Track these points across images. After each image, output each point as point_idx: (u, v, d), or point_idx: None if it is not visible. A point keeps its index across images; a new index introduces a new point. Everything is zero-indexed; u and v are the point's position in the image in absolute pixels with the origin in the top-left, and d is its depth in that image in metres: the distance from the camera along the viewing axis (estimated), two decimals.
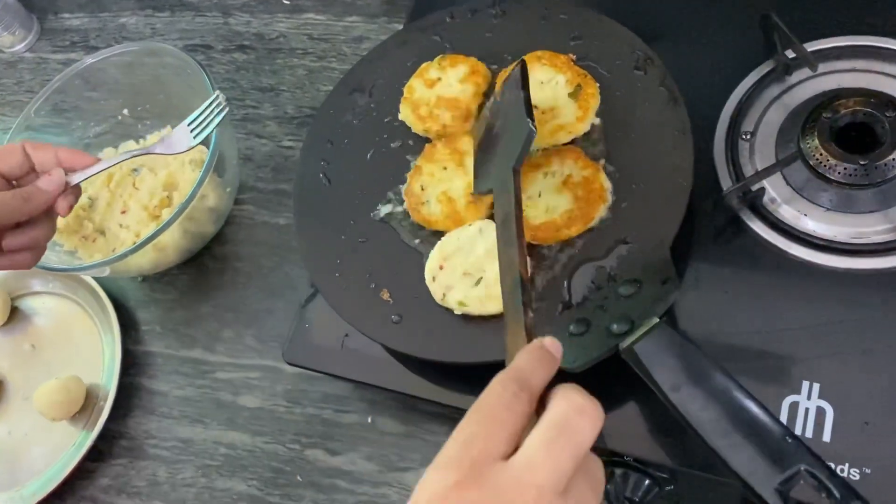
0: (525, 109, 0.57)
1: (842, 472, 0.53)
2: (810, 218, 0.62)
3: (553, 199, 0.62)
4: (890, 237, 0.60)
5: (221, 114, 0.69)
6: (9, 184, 0.63)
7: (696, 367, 0.48)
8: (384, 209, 0.69)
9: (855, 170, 0.60)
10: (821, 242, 0.61)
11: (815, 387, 0.56)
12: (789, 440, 0.44)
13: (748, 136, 0.67)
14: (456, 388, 0.64)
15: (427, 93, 0.70)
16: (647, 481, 0.59)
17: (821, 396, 0.56)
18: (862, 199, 0.61)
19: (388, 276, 0.66)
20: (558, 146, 0.65)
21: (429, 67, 0.72)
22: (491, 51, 0.72)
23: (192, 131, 0.69)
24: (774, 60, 0.68)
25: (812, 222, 0.62)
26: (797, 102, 0.66)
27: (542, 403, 0.39)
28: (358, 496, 0.74)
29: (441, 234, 0.65)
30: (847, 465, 0.53)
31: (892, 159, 0.59)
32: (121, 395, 0.84)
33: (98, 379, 0.87)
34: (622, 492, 0.60)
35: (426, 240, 0.66)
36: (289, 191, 0.89)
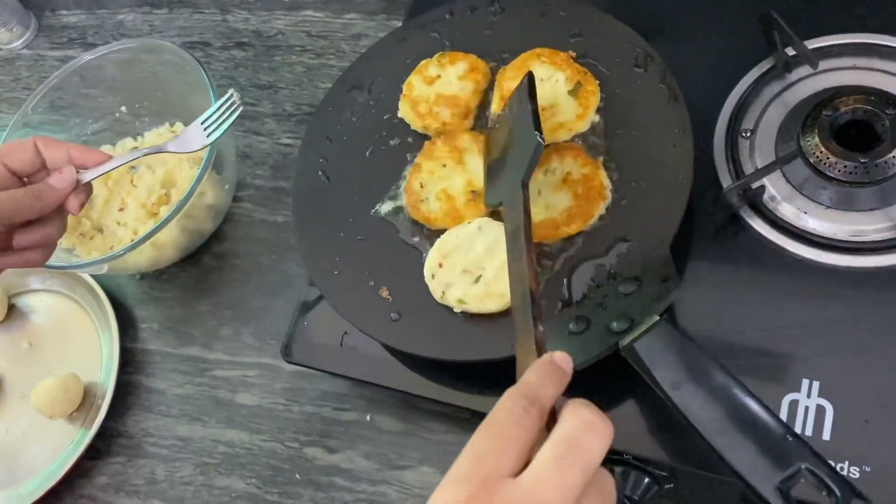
0: (533, 122, 0.57)
1: (842, 470, 0.53)
2: (810, 216, 0.62)
3: (553, 196, 0.62)
4: (890, 235, 0.60)
5: (235, 113, 0.67)
6: (20, 181, 0.62)
7: (696, 365, 0.48)
8: (383, 206, 0.69)
9: (855, 167, 0.60)
10: (821, 240, 0.61)
11: (815, 385, 0.56)
12: (790, 438, 0.44)
13: (748, 134, 0.67)
14: (455, 386, 0.64)
15: (426, 90, 0.70)
16: (646, 479, 0.59)
17: (820, 394, 0.56)
18: (862, 196, 0.61)
19: (387, 273, 0.65)
20: (558, 144, 0.65)
21: (428, 64, 0.72)
22: (490, 48, 0.72)
23: (205, 130, 0.67)
24: (774, 58, 0.68)
25: (812, 220, 0.62)
26: (797, 100, 0.66)
27: (552, 417, 0.39)
28: (356, 494, 0.73)
29: (440, 232, 0.65)
30: (847, 463, 0.53)
31: (893, 157, 0.59)
32: (119, 393, 0.83)
33: (96, 377, 0.87)
34: (622, 490, 0.60)
35: (426, 237, 0.66)
36: (287, 188, 0.89)
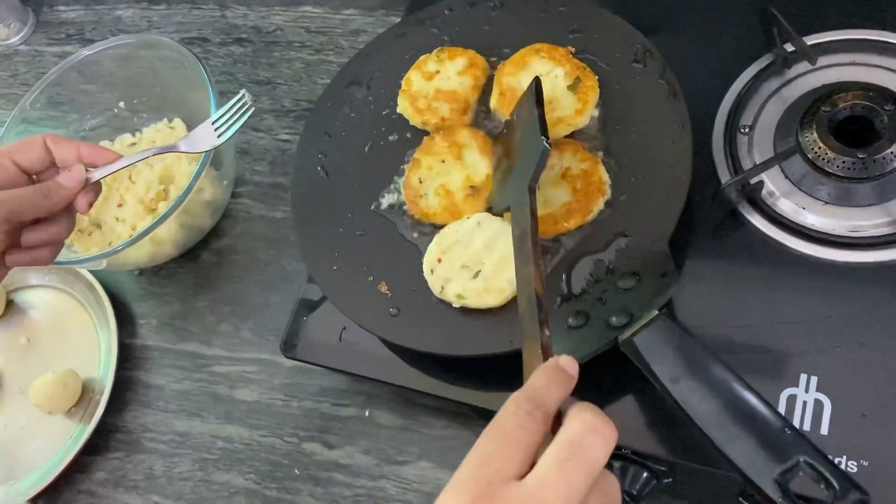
0: (540, 127, 0.57)
1: (839, 464, 0.53)
2: (808, 211, 0.62)
3: (552, 191, 0.62)
4: (888, 230, 0.60)
5: (247, 114, 0.67)
6: (29, 178, 0.62)
7: (695, 359, 0.48)
8: (383, 202, 0.69)
9: (853, 163, 0.60)
10: (819, 236, 0.61)
11: (813, 380, 0.56)
12: (788, 432, 0.44)
13: (747, 130, 0.67)
14: (454, 381, 0.64)
15: (425, 85, 0.70)
16: (645, 474, 0.59)
17: (818, 389, 0.56)
18: (860, 192, 0.61)
19: (386, 268, 0.65)
20: (557, 139, 0.65)
21: (427, 60, 0.72)
22: (489, 43, 0.72)
23: (216, 130, 0.67)
24: (773, 54, 0.68)
25: (810, 216, 0.62)
26: (796, 96, 0.66)
27: (558, 421, 0.39)
28: (355, 489, 0.74)
29: (439, 228, 0.65)
30: (845, 457, 0.53)
31: (891, 153, 0.59)
32: (117, 389, 0.83)
33: (94, 373, 0.87)
34: (621, 485, 0.60)
35: (424, 233, 0.66)
36: (286, 184, 0.89)
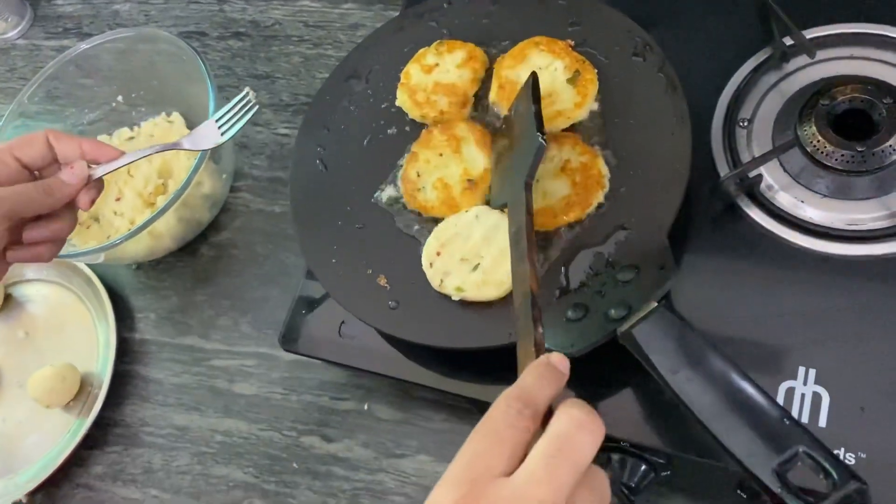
0: (536, 123, 0.57)
1: (837, 456, 0.53)
2: (807, 205, 0.62)
3: (551, 184, 0.62)
4: (886, 224, 0.60)
5: (251, 111, 0.67)
6: (31, 174, 0.61)
7: (694, 350, 0.48)
8: (382, 195, 0.69)
9: (852, 156, 0.60)
10: (817, 229, 0.61)
11: (812, 372, 0.56)
12: (787, 422, 0.44)
13: (745, 124, 0.67)
14: (452, 374, 0.64)
15: (424, 78, 0.70)
16: (643, 467, 0.59)
17: (817, 382, 0.56)
18: (859, 185, 0.61)
19: (385, 262, 0.65)
20: (556, 132, 0.65)
21: (426, 53, 0.72)
22: (488, 36, 0.72)
23: (219, 128, 0.67)
24: (772, 47, 0.68)
25: (809, 209, 0.62)
26: (794, 89, 0.66)
27: (549, 417, 0.40)
28: (354, 483, 0.74)
29: (438, 221, 0.65)
30: (843, 449, 0.53)
31: (889, 146, 0.60)
32: (115, 383, 0.83)
33: (93, 367, 0.87)
34: (619, 478, 0.60)
35: (423, 226, 0.66)
36: (284, 178, 0.89)
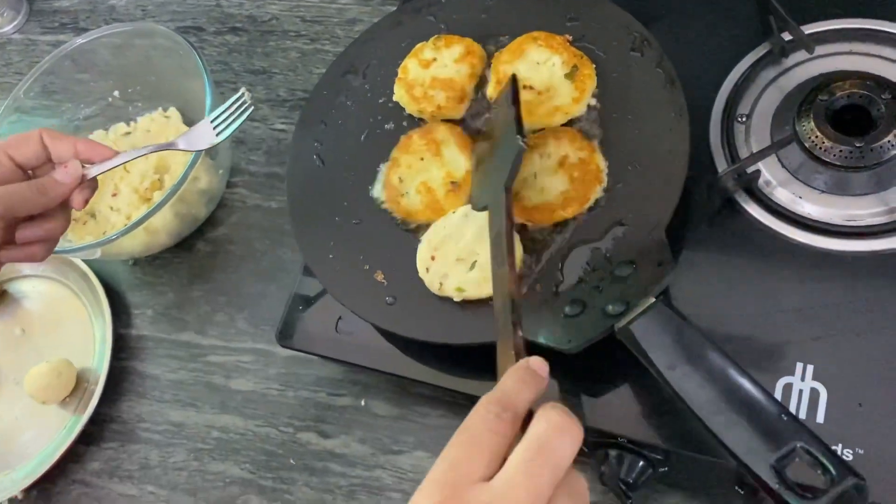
0: (516, 126, 0.57)
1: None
2: (805, 200, 0.62)
3: (548, 180, 0.62)
4: (884, 220, 0.60)
5: (246, 112, 0.67)
6: (25, 174, 0.61)
7: (692, 346, 0.48)
8: (378, 190, 0.68)
9: (850, 152, 0.60)
10: (816, 225, 0.61)
11: (809, 368, 0.56)
12: (785, 418, 0.44)
13: (744, 119, 0.67)
14: (450, 370, 0.64)
15: (422, 73, 0.70)
16: (641, 463, 0.59)
17: (814, 378, 0.56)
18: (857, 181, 0.61)
19: (382, 257, 0.65)
20: (554, 127, 0.64)
21: (423, 48, 0.71)
22: (486, 31, 0.72)
23: (215, 128, 0.67)
24: (771, 43, 0.68)
25: (807, 205, 0.62)
26: (793, 85, 0.66)
27: (529, 420, 0.40)
28: (351, 479, 0.73)
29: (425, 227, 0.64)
30: (840, 445, 0.53)
31: (888, 141, 0.59)
32: (112, 379, 0.83)
33: (89, 363, 0.86)
34: (616, 474, 0.60)
35: (412, 230, 0.66)
36: (281, 174, 0.89)
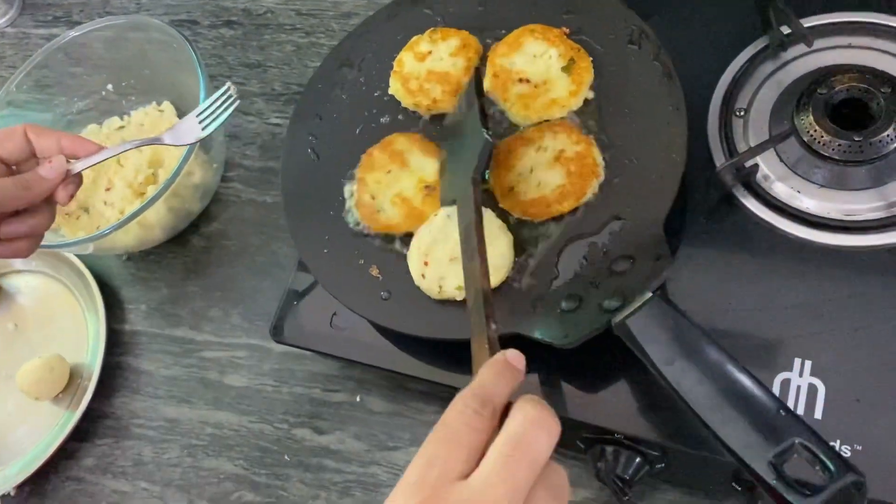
0: (481, 120, 0.57)
1: None
2: (804, 195, 0.62)
3: (545, 174, 0.61)
4: (883, 214, 0.60)
5: (232, 106, 0.67)
6: (8, 169, 0.60)
7: (689, 341, 0.47)
8: (351, 214, 0.67)
9: (849, 146, 0.60)
10: (814, 219, 0.60)
11: (807, 364, 0.56)
12: (783, 414, 0.43)
13: (742, 113, 0.66)
14: (445, 365, 0.64)
15: (417, 66, 0.69)
16: (637, 459, 0.59)
17: (812, 373, 0.56)
18: (856, 175, 0.60)
19: (377, 252, 0.65)
20: (551, 121, 0.64)
21: (419, 41, 0.71)
22: (483, 24, 0.71)
23: (200, 122, 0.67)
24: (769, 36, 0.67)
25: (805, 199, 0.61)
26: (792, 79, 0.66)
27: (507, 413, 0.40)
28: (346, 475, 0.73)
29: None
30: (838, 441, 0.53)
31: (887, 136, 0.59)
32: (105, 375, 0.83)
33: (82, 358, 0.86)
34: (613, 470, 0.59)
35: (402, 233, 0.65)
36: (276, 168, 0.88)
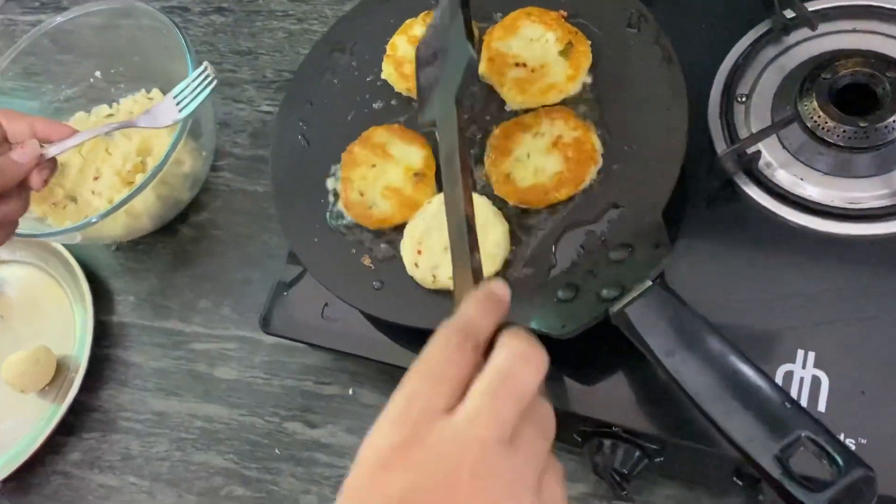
0: (465, 32, 0.52)
1: None
2: (807, 182, 0.60)
3: (542, 160, 0.60)
4: (888, 202, 0.58)
5: (210, 86, 0.66)
6: None
7: (690, 330, 0.46)
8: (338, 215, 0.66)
9: (854, 132, 0.58)
10: (817, 207, 0.59)
11: (810, 356, 0.54)
12: (788, 406, 0.42)
13: (743, 99, 0.65)
14: None
15: (411, 50, 0.67)
16: (636, 453, 0.58)
17: (816, 365, 0.54)
18: (860, 162, 0.59)
19: (369, 241, 0.63)
20: (548, 106, 0.62)
21: (413, 24, 0.69)
22: (479, 7, 0.69)
23: (177, 104, 0.66)
24: (772, 20, 0.66)
25: (808, 187, 0.60)
26: (795, 64, 0.64)
27: (492, 347, 0.38)
28: (338, 469, 0.72)
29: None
30: (843, 435, 0.52)
31: (893, 121, 0.58)
32: (93, 367, 0.81)
33: (69, 350, 0.84)
34: (610, 464, 0.58)
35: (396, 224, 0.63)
36: (267, 157, 0.86)
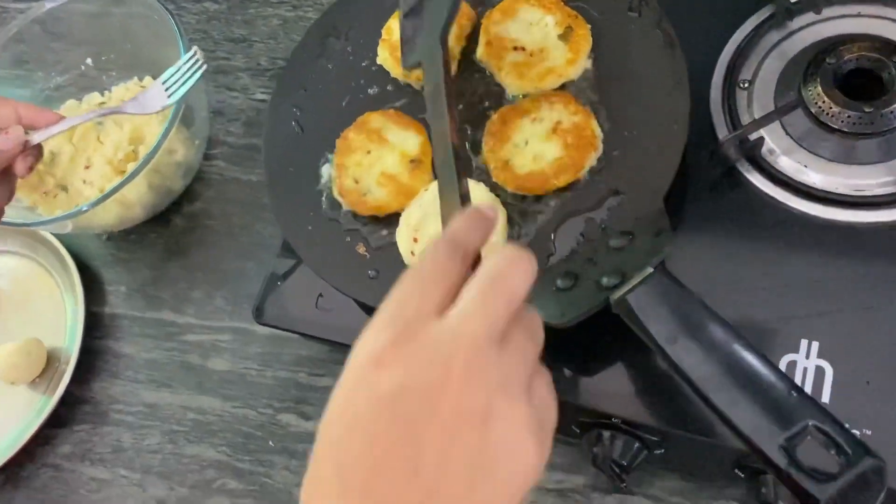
0: None
1: None
2: (810, 169, 0.59)
3: (541, 146, 0.58)
4: (893, 189, 0.57)
5: (199, 71, 0.65)
6: None
7: (693, 317, 0.45)
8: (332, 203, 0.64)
9: (859, 118, 0.57)
10: (821, 195, 0.58)
11: (814, 345, 0.54)
12: (794, 395, 0.41)
13: (746, 85, 0.63)
14: None
15: None
16: (636, 444, 0.57)
17: (820, 355, 0.53)
18: (865, 149, 0.58)
19: (364, 228, 0.62)
20: (547, 91, 0.61)
21: None
22: None
23: (166, 90, 0.65)
24: (775, 5, 0.65)
25: (812, 174, 0.59)
26: (798, 49, 0.63)
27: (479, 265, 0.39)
28: None
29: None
30: (847, 426, 0.50)
31: None
32: (84, 359, 0.80)
33: (60, 342, 0.83)
34: (609, 455, 0.57)
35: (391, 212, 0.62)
36: (261, 146, 0.85)
